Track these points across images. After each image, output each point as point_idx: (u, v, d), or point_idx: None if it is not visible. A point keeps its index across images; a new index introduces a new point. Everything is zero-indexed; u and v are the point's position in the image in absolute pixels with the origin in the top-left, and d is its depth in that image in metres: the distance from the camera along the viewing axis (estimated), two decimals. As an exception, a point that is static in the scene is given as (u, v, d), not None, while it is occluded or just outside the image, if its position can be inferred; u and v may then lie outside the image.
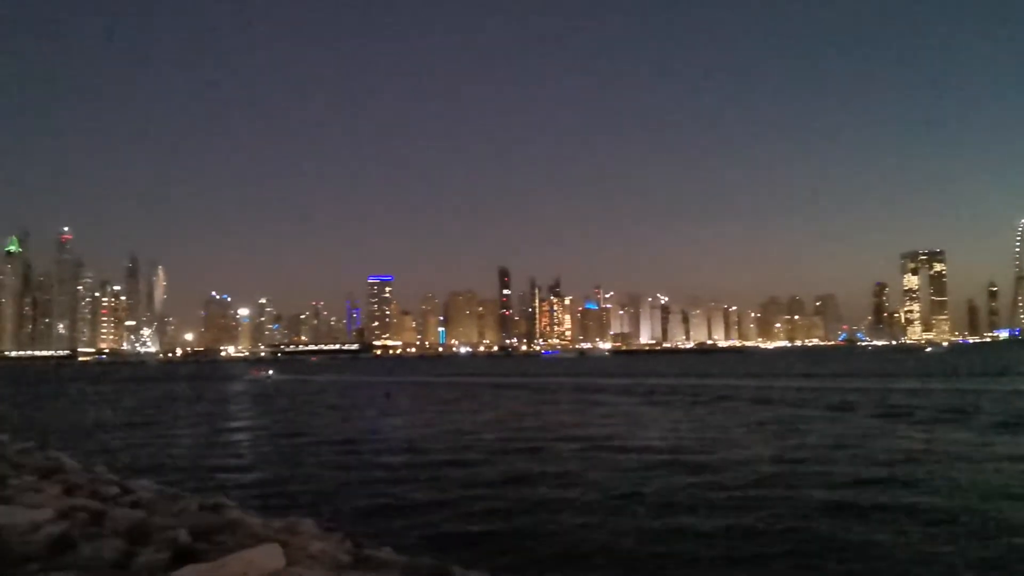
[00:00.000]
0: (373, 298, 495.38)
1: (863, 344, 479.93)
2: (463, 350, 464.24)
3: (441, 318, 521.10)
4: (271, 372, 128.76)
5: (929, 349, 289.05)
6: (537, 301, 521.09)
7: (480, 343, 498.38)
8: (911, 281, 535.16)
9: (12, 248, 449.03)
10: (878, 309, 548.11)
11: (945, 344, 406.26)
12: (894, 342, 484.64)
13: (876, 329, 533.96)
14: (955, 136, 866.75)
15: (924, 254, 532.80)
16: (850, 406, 42.65)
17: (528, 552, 13.22)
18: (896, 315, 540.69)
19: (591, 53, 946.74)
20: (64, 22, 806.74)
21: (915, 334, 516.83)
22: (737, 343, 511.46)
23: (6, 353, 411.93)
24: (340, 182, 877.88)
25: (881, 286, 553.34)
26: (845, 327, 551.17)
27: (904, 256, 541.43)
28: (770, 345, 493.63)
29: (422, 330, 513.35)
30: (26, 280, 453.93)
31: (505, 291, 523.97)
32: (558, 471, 22.07)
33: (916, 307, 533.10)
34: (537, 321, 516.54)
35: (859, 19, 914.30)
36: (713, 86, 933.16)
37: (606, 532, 14.56)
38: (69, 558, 6.92)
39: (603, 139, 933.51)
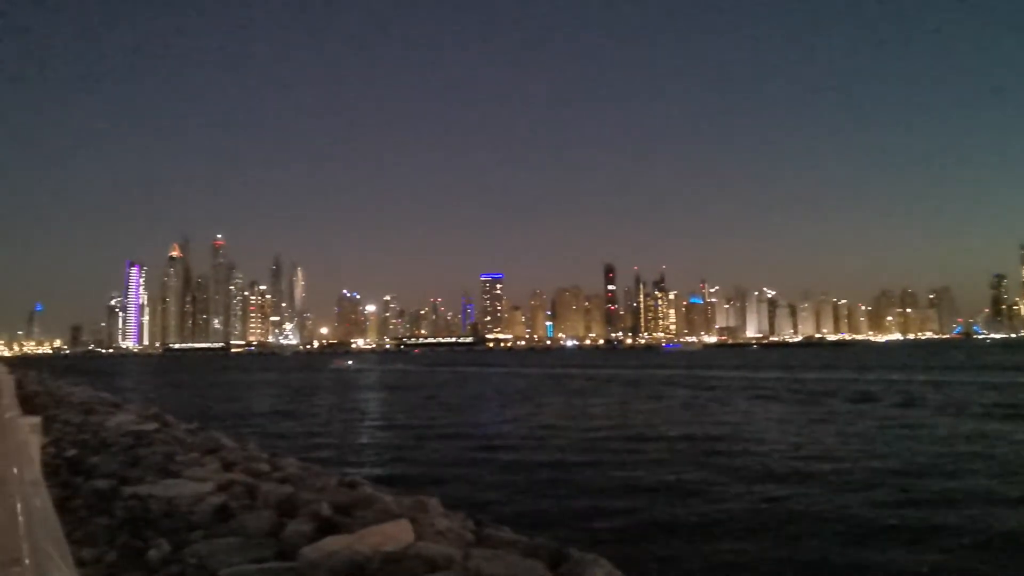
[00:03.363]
0: (486, 294, 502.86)
1: (980, 337, 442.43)
2: (569, 343, 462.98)
3: (549, 312, 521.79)
4: (351, 362, 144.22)
5: None
6: (642, 296, 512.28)
7: (586, 337, 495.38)
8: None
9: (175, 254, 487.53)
10: (996, 301, 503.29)
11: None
12: (1013, 335, 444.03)
13: (994, 322, 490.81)
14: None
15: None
16: None
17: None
18: (1015, 307, 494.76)
19: (696, 53, 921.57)
20: (202, 43, 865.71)
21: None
22: (847, 336, 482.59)
23: (171, 345, 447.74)
24: (456, 187, 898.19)
25: (999, 277, 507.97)
26: (960, 320, 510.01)
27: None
28: (881, 338, 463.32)
29: (531, 324, 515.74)
30: (187, 281, 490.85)
31: (611, 286, 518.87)
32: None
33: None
34: (642, 315, 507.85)
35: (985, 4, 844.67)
36: (825, 79, 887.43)
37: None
38: (228, 526, 7.34)
39: (706, 135, 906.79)
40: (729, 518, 13.76)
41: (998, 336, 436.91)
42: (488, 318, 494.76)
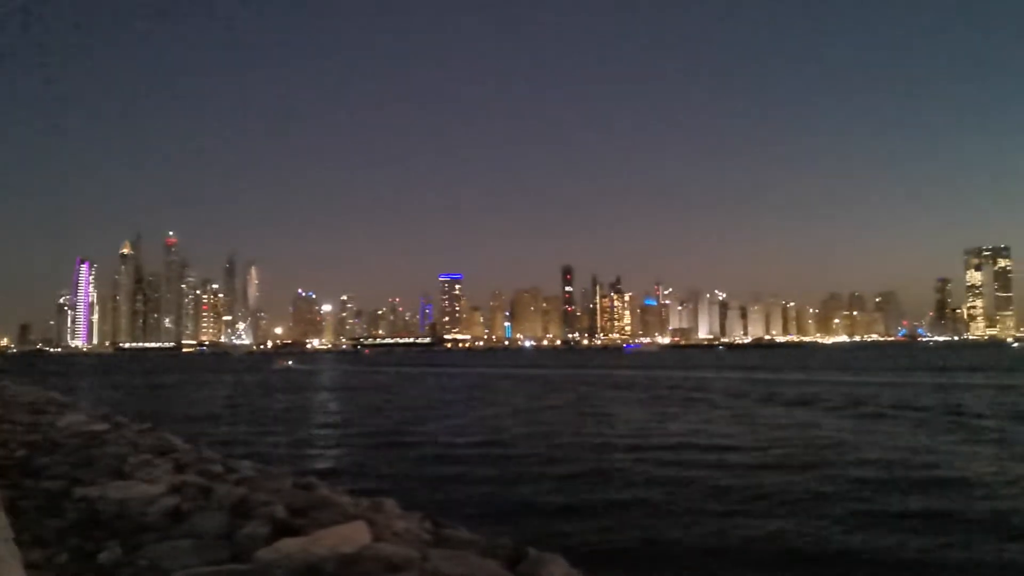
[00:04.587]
0: (444, 295, 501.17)
1: (924, 340, 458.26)
2: (527, 344, 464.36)
3: (507, 313, 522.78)
4: (291, 363, 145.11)
5: (1016, 344, 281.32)
6: (598, 298, 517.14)
7: (544, 337, 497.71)
8: (975, 277, 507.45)
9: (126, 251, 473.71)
10: (940, 305, 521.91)
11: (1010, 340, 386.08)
12: (956, 337, 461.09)
13: (938, 325, 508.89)
14: (1019, 129, 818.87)
15: (988, 250, 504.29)
16: None
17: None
18: (959, 311, 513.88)
19: (649, 55, 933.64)
20: (160, 35, 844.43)
21: (978, 330, 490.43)
22: (795, 338, 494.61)
23: (121, 345, 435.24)
24: (415, 187, 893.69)
25: (944, 282, 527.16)
26: (905, 323, 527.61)
27: (968, 252, 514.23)
28: (828, 340, 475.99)
29: (490, 325, 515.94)
30: (138, 280, 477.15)
31: (568, 288, 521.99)
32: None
33: (980, 303, 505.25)
34: (598, 316, 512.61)
35: (926, 8, 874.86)
36: (774, 83, 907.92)
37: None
38: (182, 528, 7.23)
39: (662, 139, 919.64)
40: (685, 530, 13.83)
41: (941, 339, 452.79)
42: (447, 319, 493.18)
